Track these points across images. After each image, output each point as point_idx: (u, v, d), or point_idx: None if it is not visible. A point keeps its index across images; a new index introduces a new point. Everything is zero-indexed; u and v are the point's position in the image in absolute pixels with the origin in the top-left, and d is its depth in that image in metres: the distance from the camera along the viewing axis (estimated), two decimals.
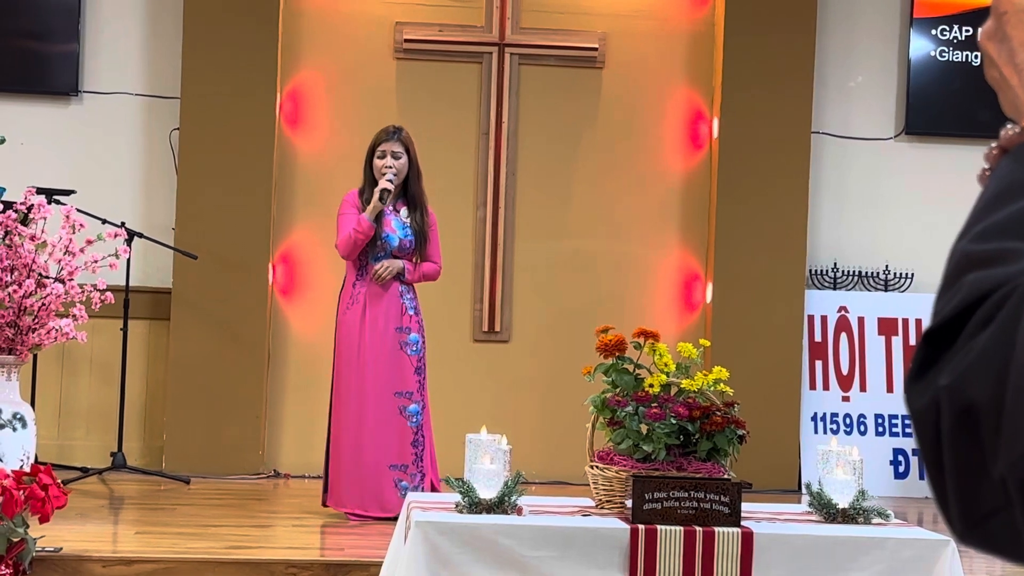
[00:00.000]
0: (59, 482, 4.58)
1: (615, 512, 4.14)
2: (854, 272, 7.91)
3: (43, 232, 5.56)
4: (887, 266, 7.91)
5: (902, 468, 7.68)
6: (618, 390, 4.30)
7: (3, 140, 5.97)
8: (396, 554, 4.14)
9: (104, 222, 6.73)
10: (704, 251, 7.76)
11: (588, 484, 4.31)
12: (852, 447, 4.34)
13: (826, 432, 7.62)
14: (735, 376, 4.73)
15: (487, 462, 4.05)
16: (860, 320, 7.79)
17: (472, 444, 4.09)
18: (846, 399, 7.73)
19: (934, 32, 7.89)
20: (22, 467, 5.20)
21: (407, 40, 7.60)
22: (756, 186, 7.60)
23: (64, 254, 5.59)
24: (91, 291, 5.63)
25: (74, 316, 5.62)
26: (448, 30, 7.64)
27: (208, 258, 7.20)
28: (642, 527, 3.92)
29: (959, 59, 7.88)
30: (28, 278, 5.43)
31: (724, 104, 7.63)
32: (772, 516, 4.25)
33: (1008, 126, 1.08)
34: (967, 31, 7.90)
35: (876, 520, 4.17)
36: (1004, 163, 1.06)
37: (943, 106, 7.90)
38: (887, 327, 7.80)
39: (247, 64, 7.39)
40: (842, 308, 7.80)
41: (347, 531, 5.77)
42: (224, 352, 7.32)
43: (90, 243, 5.67)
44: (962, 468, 0.94)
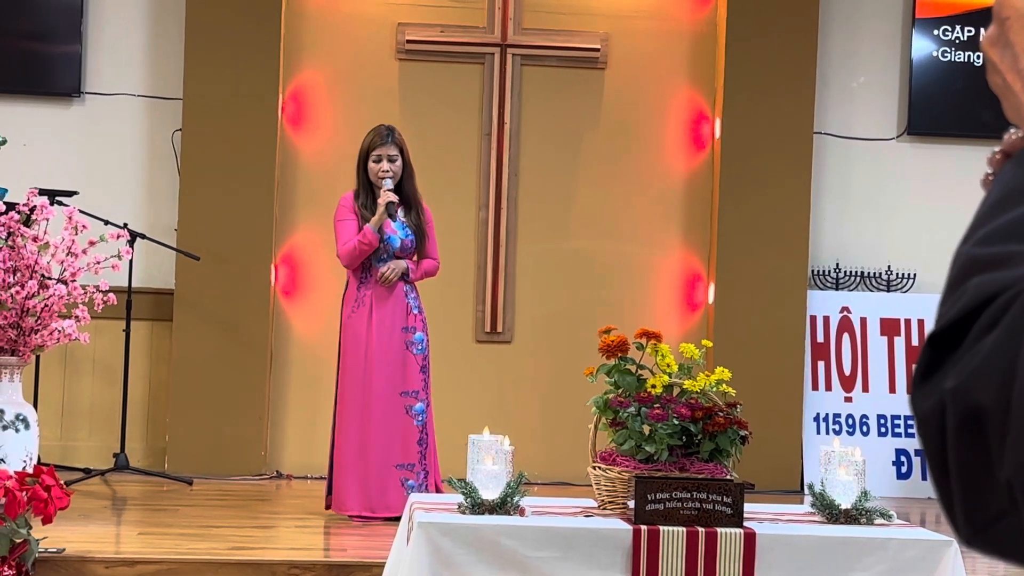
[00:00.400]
0: (62, 483, 4.58)
1: (617, 513, 4.14)
2: (856, 272, 7.91)
3: (46, 233, 5.56)
4: (889, 266, 7.91)
5: (904, 469, 7.67)
6: (620, 391, 4.30)
7: (5, 141, 5.97)
8: (399, 555, 4.14)
9: (106, 223, 6.73)
10: (706, 252, 7.76)
11: (590, 485, 4.31)
12: (854, 448, 4.34)
13: (828, 433, 7.62)
14: (737, 377, 4.73)
15: (489, 463, 4.05)
16: (862, 320, 7.79)
17: (474, 445, 4.09)
18: (848, 400, 7.73)
19: (936, 32, 7.89)
20: (25, 468, 5.20)
21: (409, 41, 7.60)
22: (758, 187, 7.60)
23: (67, 255, 5.59)
24: (93, 292, 5.63)
25: (77, 317, 5.62)
26: (450, 31, 7.64)
27: (210, 259, 7.20)
28: (644, 528, 3.92)
29: (961, 59, 7.88)
30: (31, 279, 5.43)
31: (726, 105, 7.62)
32: (775, 517, 4.25)
33: (1011, 131, 1.08)
34: (969, 31, 7.90)
35: (878, 521, 4.17)
36: (1007, 168, 1.06)
37: (945, 106, 7.90)
38: (889, 327, 7.80)
39: (249, 65, 7.39)
40: (844, 308, 7.80)
41: (350, 532, 5.77)
42: (226, 353, 7.32)
43: (93, 244, 5.67)
44: (968, 472, 0.94)
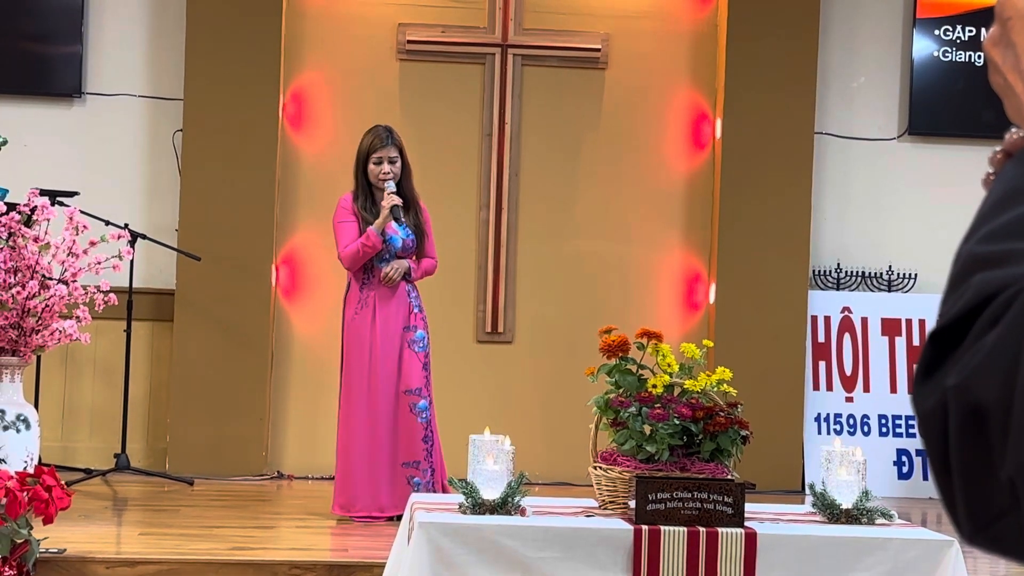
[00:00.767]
0: (63, 483, 4.58)
1: (618, 513, 4.14)
2: (857, 272, 7.91)
3: (46, 234, 5.57)
4: (890, 266, 7.91)
5: (906, 468, 7.67)
6: (621, 391, 4.30)
7: (6, 142, 5.98)
8: (399, 555, 4.14)
9: (107, 223, 6.73)
10: (707, 252, 7.76)
11: (591, 485, 4.31)
12: (856, 448, 4.33)
13: (829, 433, 7.62)
14: (738, 377, 4.73)
15: (490, 463, 4.05)
16: (863, 320, 7.79)
17: (475, 445, 4.09)
18: (849, 400, 7.73)
19: (937, 32, 7.89)
20: (26, 468, 5.21)
21: (410, 41, 7.60)
22: (759, 187, 7.60)
23: (67, 255, 5.59)
24: (94, 292, 5.63)
25: (77, 317, 5.62)
26: (451, 31, 7.64)
27: (211, 259, 7.20)
28: (646, 528, 3.92)
29: (962, 59, 7.88)
30: (32, 280, 5.43)
31: (727, 105, 7.62)
32: (776, 517, 4.25)
33: (1012, 130, 1.09)
34: (970, 31, 7.89)
35: (880, 521, 4.17)
36: (1009, 167, 1.06)
37: (946, 106, 7.89)
38: (890, 327, 7.80)
39: (250, 65, 7.39)
40: (845, 309, 7.79)
41: (351, 532, 5.77)
42: (227, 353, 7.32)
43: (93, 244, 5.68)
44: (969, 469, 0.94)
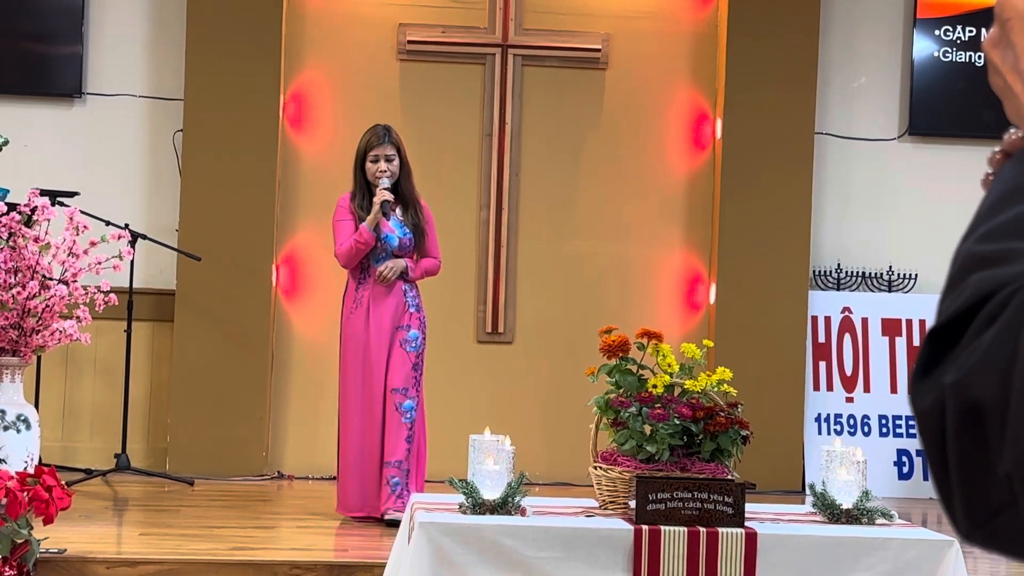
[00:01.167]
0: (63, 483, 4.58)
1: (619, 513, 4.14)
2: (858, 273, 7.91)
3: (47, 234, 5.57)
4: (890, 267, 7.91)
5: (906, 469, 7.67)
6: (622, 391, 4.30)
7: (6, 142, 5.98)
8: (400, 555, 4.14)
9: (108, 224, 6.73)
10: (708, 252, 7.76)
11: (592, 485, 4.31)
12: (856, 448, 4.34)
13: (830, 433, 7.62)
14: (739, 377, 4.73)
15: (491, 463, 4.05)
16: (864, 321, 7.79)
17: (476, 445, 4.09)
18: (850, 400, 7.73)
19: (937, 33, 7.89)
20: (26, 468, 5.21)
21: (410, 41, 7.60)
22: (759, 187, 7.60)
23: (68, 256, 5.59)
24: (95, 293, 5.63)
25: (78, 318, 5.63)
26: (451, 31, 7.64)
27: (212, 260, 7.20)
28: (646, 528, 3.92)
29: (962, 60, 7.88)
30: (32, 280, 5.43)
31: (727, 105, 7.62)
32: (776, 517, 4.25)
33: (1011, 131, 1.09)
34: (970, 31, 7.89)
35: (880, 521, 4.17)
36: (1007, 167, 1.06)
37: (946, 107, 7.89)
38: (891, 328, 7.80)
39: (250, 66, 7.39)
40: (846, 309, 7.79)
41: (351, 532, 5.77)
42: (228, 353, 7.32)
43: (94, 245, 5.68)
44: (967, 466, 0.94)
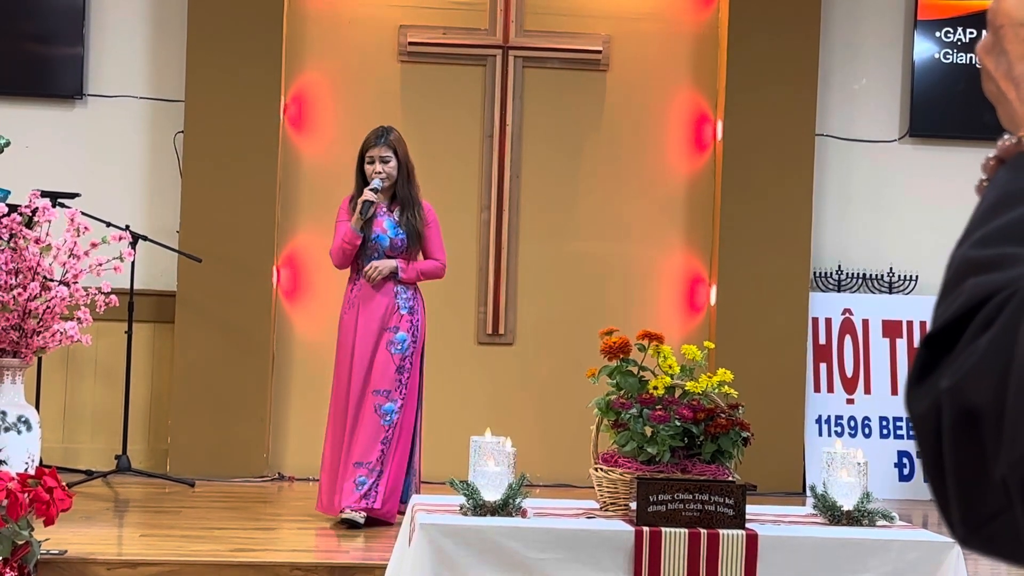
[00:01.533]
0: (64, 485, 4.59)
1: (619, 514, 4.14)
2: (858, 274, 7.91)
3: (48, 235, 5.57)
4: (891, 268, 7.91)
5: (907, 470, 7.67)
6: (622, 392, 4.30)
7: (8, 143, 5.98)
8: (401, 556, 4.15)
9: (108, 225, 6.73)
10: (708, 253, 7.76)
11: (592, 486, 4.31)
12: (856, 449, 4.34)
13: (830, 434, 7.62)
14: (739, 378, 4.73)
15: (491, 464, 4.05)
16: (864, 322, 7.79)
17: (476, 446, 4.10)
18: (850, 401, 7.73)
19: (938, 34, 7.89)
20: (27, 470, 5.21)
21: (411, 43, 7.60)
22: (760, 188, 7.60)
23: (69, 257, 5.60)
24: (95, 294, 5.64)
25: (78, 319, 5.63)
26: (452, 33, 7.65)
27: (212, 261, 7.21)
28: (646, 529, 3.92)
29: (963, 61, 7.88)
30: (33, 281, 5.43)
31: (728, 106, 7.62)
32: (777, 518, 4.25)
33: (1005, 136, 1.09)
34: (971, 33, 7.89)
35: (881, 522, 4.17)
36: (1001, 173, 1.06)
37: (947, 108, 7.89)
38: (891, 329, 7.80)
39: (251, 67, 7.39)
40: (846, 310, 7.79)
41: (352, 533, 5.77)
42: (228, 355, 7.33)
43: (95, 246, 5.68)
44: (963, 471, 0.94)
